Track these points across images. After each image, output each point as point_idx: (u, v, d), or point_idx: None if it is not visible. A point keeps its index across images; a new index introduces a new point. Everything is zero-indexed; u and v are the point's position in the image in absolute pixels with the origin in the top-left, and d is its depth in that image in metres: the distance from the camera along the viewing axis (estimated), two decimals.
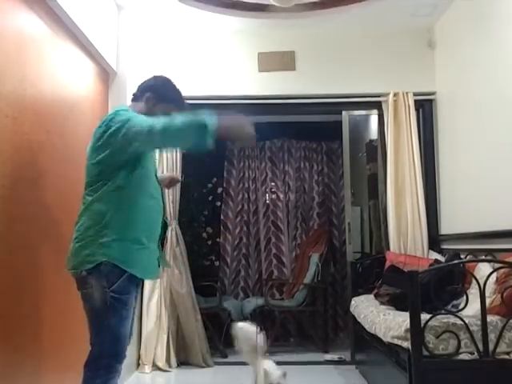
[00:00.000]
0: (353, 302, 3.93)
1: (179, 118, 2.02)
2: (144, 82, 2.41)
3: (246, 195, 5.80)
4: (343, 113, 4.61)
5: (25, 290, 2.49)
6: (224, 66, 4.45)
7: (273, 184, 5.82)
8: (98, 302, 2.05)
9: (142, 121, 2.05)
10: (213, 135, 1.96)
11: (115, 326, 2.06)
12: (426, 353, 2.38)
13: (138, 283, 2.26)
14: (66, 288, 3.03)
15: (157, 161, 2.69)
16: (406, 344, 2.43)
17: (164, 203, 2.47)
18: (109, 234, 2.06)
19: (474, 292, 2.66)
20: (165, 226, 4.29)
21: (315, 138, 5.83)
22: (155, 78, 2.46)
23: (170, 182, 2.73)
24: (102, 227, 2.07)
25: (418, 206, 4.20)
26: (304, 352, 4.85)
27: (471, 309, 2.59)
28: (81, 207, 2.19)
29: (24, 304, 2.49)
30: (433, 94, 4.40)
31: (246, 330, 2.62)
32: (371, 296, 3.64)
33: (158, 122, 2.02)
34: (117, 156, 2.08)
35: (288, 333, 5.41)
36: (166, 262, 2.52)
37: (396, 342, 2.54)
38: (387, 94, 4.36)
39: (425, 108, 4.44)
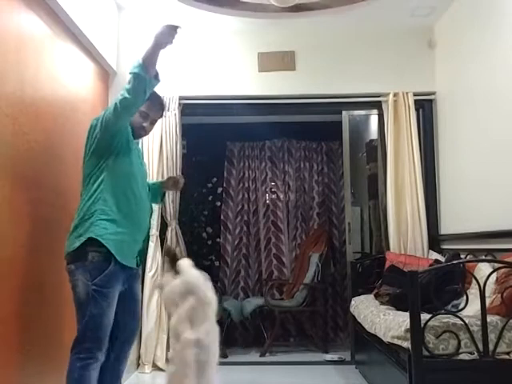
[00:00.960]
0: (353, 302, 3.93)
1: (125, 86, 2.39)
2: None
3: (246, 195, 5.80)
4: (343, 113, 4.61)
5: (24, 289, 2.49)
6: (224, 65, 4.45)
7: (273, 184, 5.82)
8: (82, 293, 2.28)
9: (108, 109, 2.45)
10: (144, 71, 2.33)
11: (96, 316, 2.28)
12: (426, 353, 2.38)
13: (123, 276, 2.41)
14: (62, 286, 3.04)
15: (146, 167, 3.03)
16: (406, 344, 2.43)
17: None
18: (95, 215, 2.34)
19: (474, 292, 2.66)
20: (165, 227, 4.29)
21: (315, 138, 5.83)
22: None
23: (174, 183, 2.92)
24: (90, 211, 2.36)
25: (418, 206, 4.20)
26: (304, 352, 4.85)
27: (471, 309, 2.59)
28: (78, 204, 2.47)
29: (24, 303, 2.49)
30: (433, 94, 4.40)
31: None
32: (371, 296, 3.64)
33: (115, 101, 2.40)
34: (102, 145, 2.41)
35: (288, 333, 5.41)
36: (140, 260, 2.66)
37: (396, 342, 2.54)
38: (387, 94, 4.36)
39: (425, 108, 4.44)
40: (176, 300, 1.85)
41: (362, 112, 4.87)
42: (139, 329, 2.64)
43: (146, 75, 2.32)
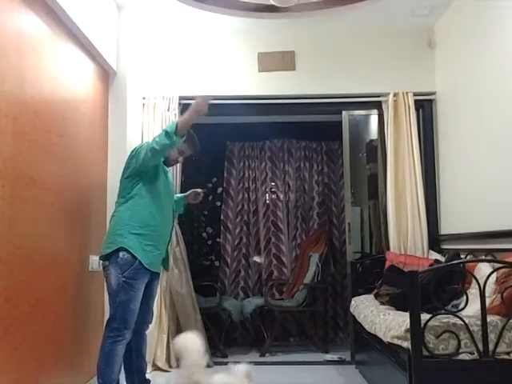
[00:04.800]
0: (353, 302, 3.93)
1: (156, 139, 2.93)
2: None
3: (246, 195, 5.80)
4: (343, 113, 4.61)
5: (23, 289, 2.50)
6: (224, 65, 4.45)
7: (273, 184, 5.82)
8: (114, 284, 2.84)
9: (142, 149, 2.98)
10: (175, 133, 2.84)
11: (125, 302, 2.82)
12: (426, 353, 2.38)
13: (148, 274, 2.93)
14: (61, 286, 3.05)
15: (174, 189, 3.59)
16: (406, 344, 2.43)
17: (173, 217, 3.28)
18: (126, 229, 2.89)
19: (473, 292, 2.66)
20: None
21: (315, 138, 5.82)
22: None
23: (195, 196, 3.42)
24: (122, 225, 2.91)
25: (418, 206, 4.20)
26: (304, 352, 4.85)
27: (471, 309, 2.59)
28: (112, 213, 3.05)
29: (22, 304, 2.49)
30: (433, 94, 4.40)
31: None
32: (371, 296, 3.64)
33: (147, 147, 2.94)
34: (134, 172, 2.97)
35: (288, 333, 5.41)
36: (168, 264, 3.32)
37: (396, 342, 2.54)
38: (387, 94, 4.36)
39: (425, 108, 4.44)
40: None
41: (362, 112, 4.87)
42: (152, 320, 3.23)
43: (174, 136, 2.84)
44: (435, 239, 4.22)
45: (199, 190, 3.43)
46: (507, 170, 3.11)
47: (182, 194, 3.54)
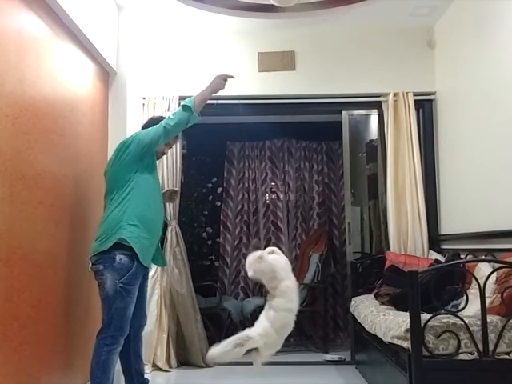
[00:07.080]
0: (353, 302, 3.93)
1: (171, 116, 2.90)
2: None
3: (246, 195, 5.80)
4: (343, 113, 4.61)
5: (23, 289, 2.49)
6: (224, 66, 4.44)
7: (273, 184, 5.82)
8: (110, 289, 2.69)
9: (146, 133, 2.92)
10: (194, 107, 2.86)
11: (121, 309, 2.70)
12: (426, 353, 2.38)
13: (143, 275, 2.87)
14: (60, 286, 3.05)
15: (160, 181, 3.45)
16: (406, 344, 2.43)
17: (165, 211, 3.21)
18: (124, 220, 2.74)
19: (473, 292, 2.66)
20: (165, 227, 4.29)
21: (315, 138, 5.83)
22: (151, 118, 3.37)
23: (171, 195, 3.34)
24: (120, 217, 2.75)
25: (418, 205, 4.20)
26: (304, 352, 4.84)
27: (471, 309, 2.59)
28: (104, 211, 2.89)
29: (22, 304, 2.49)
30: (433, 94, 4.40)
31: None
32: (371, 296, 3.64)
33: (158, 127, 2.87)
34: (134, 159, 2.83)
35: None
36: (163, 259, 3.27)
37: (396, 342, 2.54)
38: (387, 94, 4.36)
39: (425, 108, 4.44)
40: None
41: (362, 112, 4.87)
42: (147, 321, 3.12)
43: (193, 110, 2.84)
44: (435, 239, 4.22)
45: (176, 189, 3.36)
46: (507, 170, 3.11)
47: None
